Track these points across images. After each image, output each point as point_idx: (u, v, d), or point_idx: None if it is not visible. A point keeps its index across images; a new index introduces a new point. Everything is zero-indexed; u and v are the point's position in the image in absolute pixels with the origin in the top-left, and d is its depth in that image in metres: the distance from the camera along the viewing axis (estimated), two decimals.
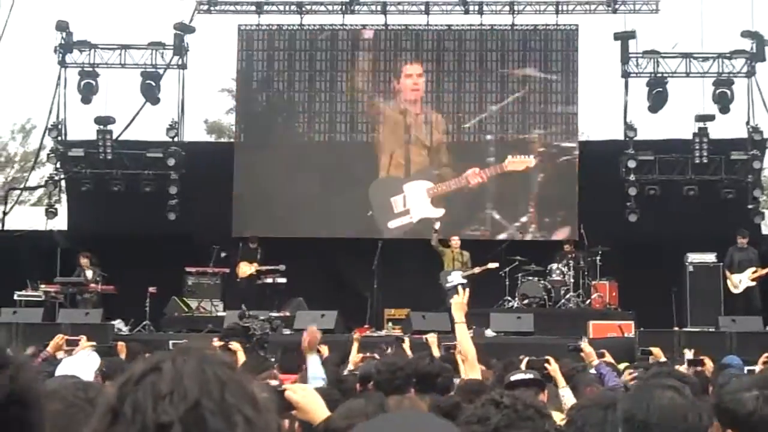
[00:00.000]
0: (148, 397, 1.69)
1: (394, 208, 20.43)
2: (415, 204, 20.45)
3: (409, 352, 10.58)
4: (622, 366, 9.44)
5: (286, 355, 9.97)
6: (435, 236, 18.80)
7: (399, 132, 20.71)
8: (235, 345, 10.38)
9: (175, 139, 20.59)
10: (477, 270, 17.94)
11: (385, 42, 21.21)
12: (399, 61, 20.98)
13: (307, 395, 3.67)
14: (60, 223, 20.87)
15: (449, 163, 20.62)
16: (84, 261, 18.55)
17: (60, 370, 6.41)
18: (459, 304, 6.25)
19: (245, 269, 18.95)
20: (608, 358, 9.55)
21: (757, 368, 9.13)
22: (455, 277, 18.02)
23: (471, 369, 5.97)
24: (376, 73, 20.99)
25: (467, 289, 6.40)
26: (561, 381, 6.89)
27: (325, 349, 10.70)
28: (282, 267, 18.70)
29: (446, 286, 18.04)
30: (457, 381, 6.54)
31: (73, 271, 18.68)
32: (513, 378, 5.39)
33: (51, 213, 20.12)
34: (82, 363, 6.56)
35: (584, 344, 8.59)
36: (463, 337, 6.21)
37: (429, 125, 20.69)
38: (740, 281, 17.76)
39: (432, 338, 10.42)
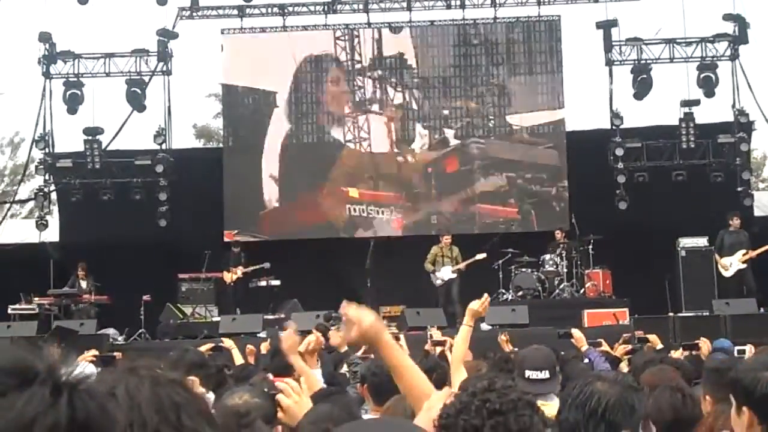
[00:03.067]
0: None
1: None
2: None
3: (406, 349, 10.48)
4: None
5: (278, 356, 9.91)
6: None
7: (362, 172, 20.77)
8: (228, 342, 10.35)
9: (163, 146, 20.55)
10: (463, 265, 17.94)
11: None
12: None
13: (299, 403, 3.62)
14: (52, 234, 20.79)
15: (429, 193, 20.65)
16: (81, 272, 18.53)
17: None
18: (472, 311, 6.14)
19: (230, 276, 18.88)
20: (605, 347, 9.52)
21: (747, 349, 9.16)
22: (444, 273, 18.01)
23: (456, 371, 5.88)
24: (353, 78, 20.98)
25: (487, 297, 6.29)
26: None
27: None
28: (267, 265, 18.63)
29: (436, 283, 18.04)
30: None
31: (66, 282, 18.62)
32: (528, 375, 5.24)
33: (42, 225, 20.04)
34: None
35: (574, 330, 8.58)
36: (461, 339, 6.10)
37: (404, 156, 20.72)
38: (731, 264, 17.72)
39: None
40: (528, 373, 5.15)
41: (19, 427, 1.32)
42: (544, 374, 5.14)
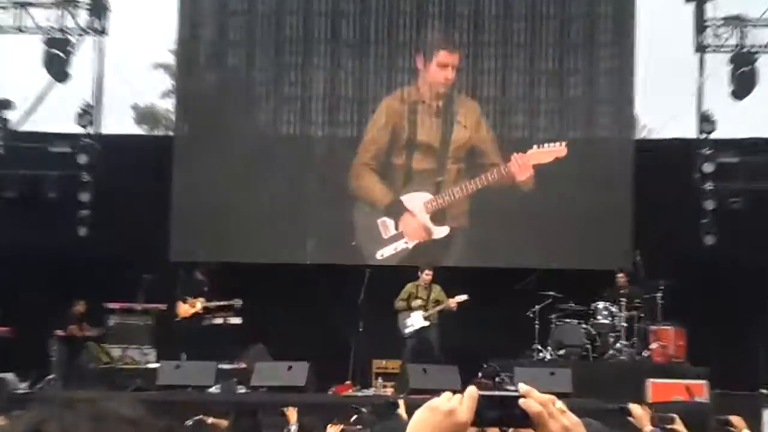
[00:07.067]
0: None
1: (383, 233, 20.56)
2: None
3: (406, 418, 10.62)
4: None
5: (240, 420, 10.13)
6: None
7: (399, 132, 20.87)
8: None
9: (90, 129, 20.70)
10: (438, 308, 18.23)
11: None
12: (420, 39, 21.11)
13: None
14: None
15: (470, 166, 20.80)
16: None
17: None
18: None
19: (186, 308, 18.96)
20: (679, 425, 9.60)
21: None
22: (415, 320, 18.23)
23: None
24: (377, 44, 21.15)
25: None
26: None
27: (293, 415, 10.85)
28: (238, 302, 18.74)
29: (404, 332, 18.27)
30: None
31: None
32: None
33: None
34: None
35: (633, 405, 8.71)
36: None
37: (447, 121, 20.86)
38: None
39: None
40: None
41: None
42: None
